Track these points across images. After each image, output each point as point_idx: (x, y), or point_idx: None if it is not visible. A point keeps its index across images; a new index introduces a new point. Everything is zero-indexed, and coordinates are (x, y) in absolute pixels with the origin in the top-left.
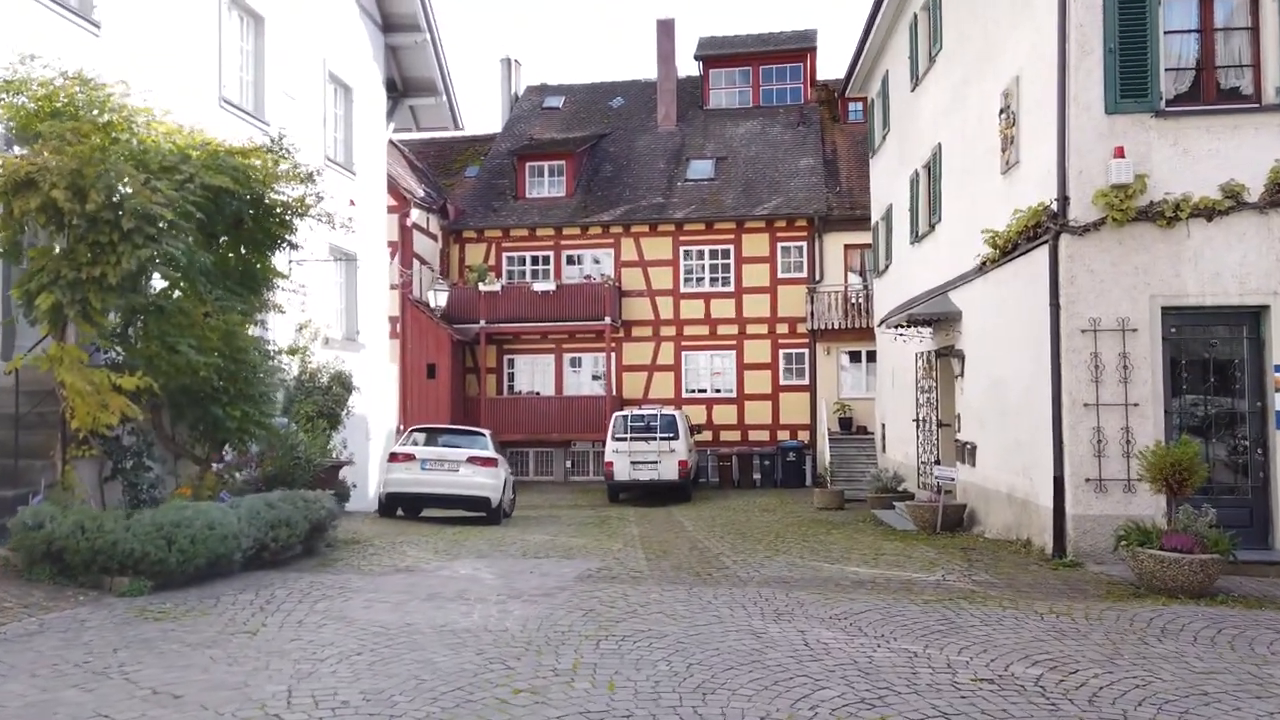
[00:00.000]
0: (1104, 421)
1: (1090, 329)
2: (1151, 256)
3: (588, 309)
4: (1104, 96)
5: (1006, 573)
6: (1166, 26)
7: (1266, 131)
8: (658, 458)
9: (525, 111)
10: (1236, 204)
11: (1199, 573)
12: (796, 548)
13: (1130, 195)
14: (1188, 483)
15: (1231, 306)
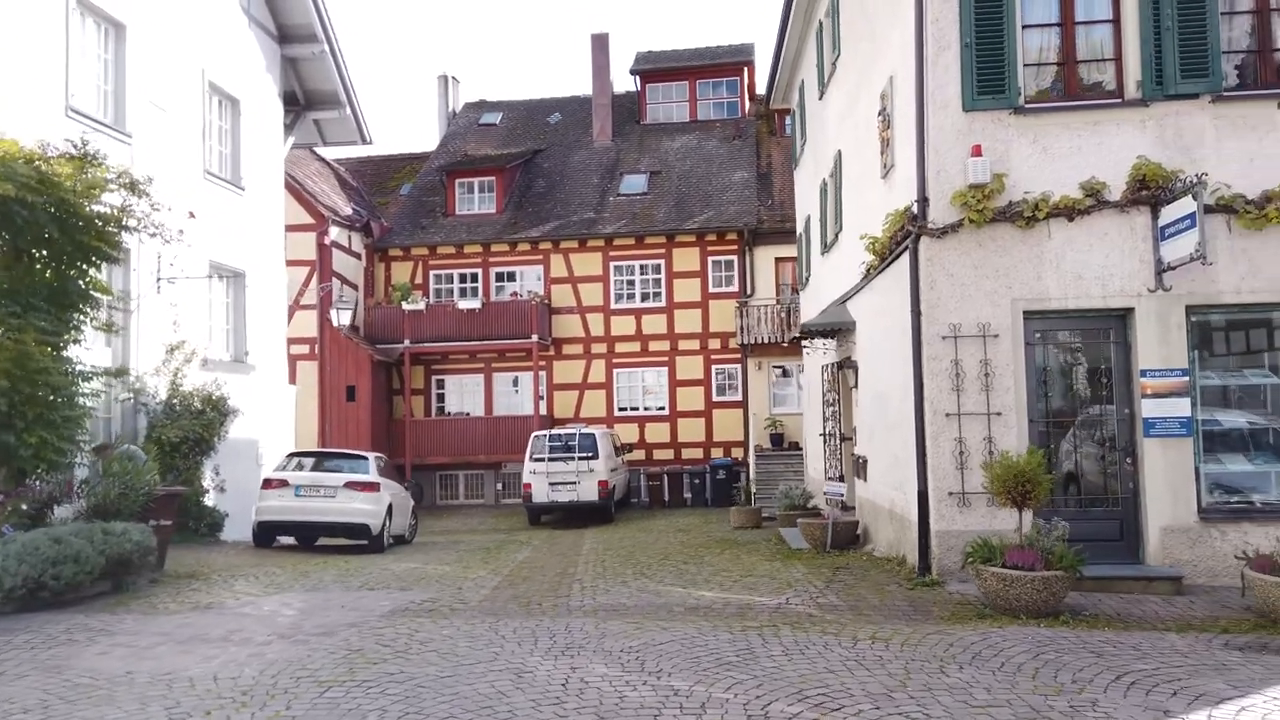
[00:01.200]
0: (966, 432)
1: (951, 335)
2: (1012, 259)
3: (515, 327)
4: (961, 94)
5: (859, 594)
6: (1026, 21)
7: (1128, 127)
8: (577, 478)
9: (461, 128)
10: (1097, 203)
11: (1042, 590)
12: (668, 571)
13: (988, 195)
14: (1032, 495)
15: (1095, 309)
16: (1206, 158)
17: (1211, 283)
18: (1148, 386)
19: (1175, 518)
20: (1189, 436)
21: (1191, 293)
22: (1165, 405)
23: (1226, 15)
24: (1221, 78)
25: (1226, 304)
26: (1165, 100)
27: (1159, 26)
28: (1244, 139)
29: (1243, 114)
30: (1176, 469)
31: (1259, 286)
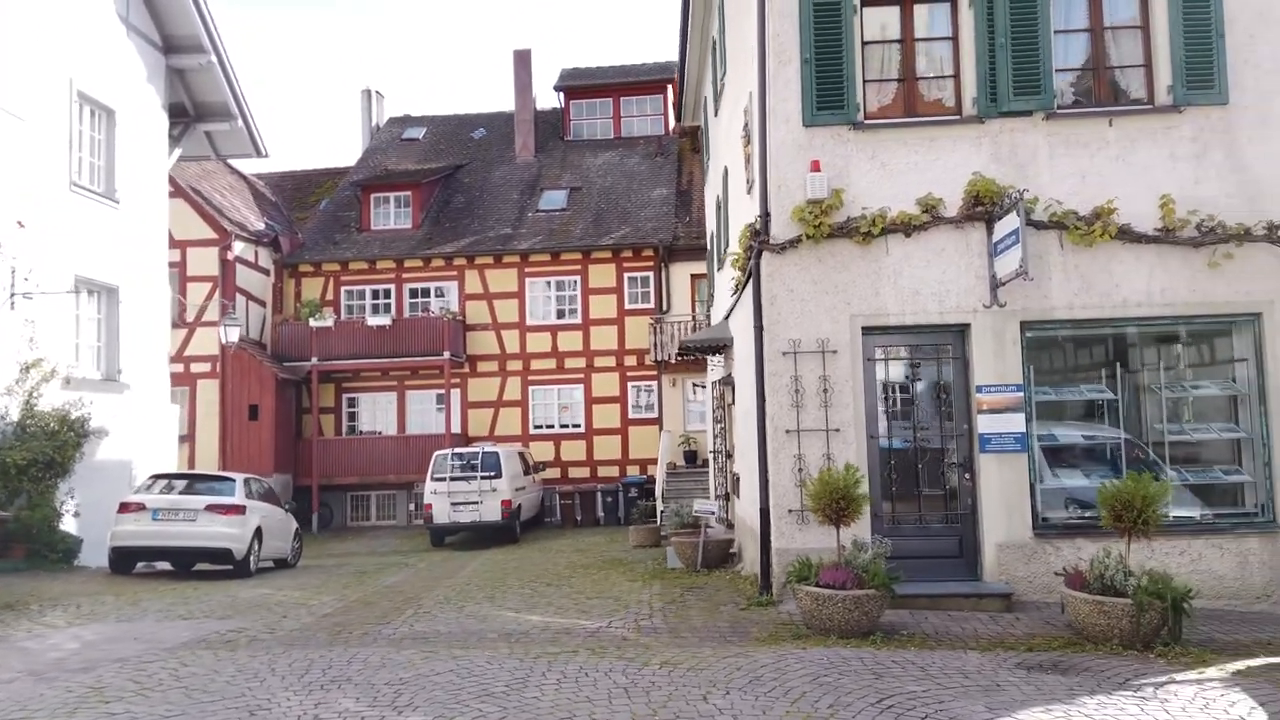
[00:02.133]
0: (806, 448)
1: (791, 351)
2: (851, 274)
3: (427, 344)
4: (802, 109)
5: (690, 616)
6: (867, 37)
7: (965, 144)
8: (479, 498)
9: (384, 143)
10: (934, 219)
11: (854, 610)
12: (520, 595)
13: (825, 211)
14: (848, 512)
15: (934, 325)
16: (1040, 174)
17: (1045, 298)
18: (983, 402)
19: (1010, 534)
20: (1023, 452)
21: (1026, 308)
22: (1000, 421)
23: (1062, 34)
24: (1053, 96)
25: (1060, 319)
26: (1000, 117)
27: (993, 44)
28: (1076, 156)
29: (1075, 131)
30: (1012, 485)
31: (1091, 302)
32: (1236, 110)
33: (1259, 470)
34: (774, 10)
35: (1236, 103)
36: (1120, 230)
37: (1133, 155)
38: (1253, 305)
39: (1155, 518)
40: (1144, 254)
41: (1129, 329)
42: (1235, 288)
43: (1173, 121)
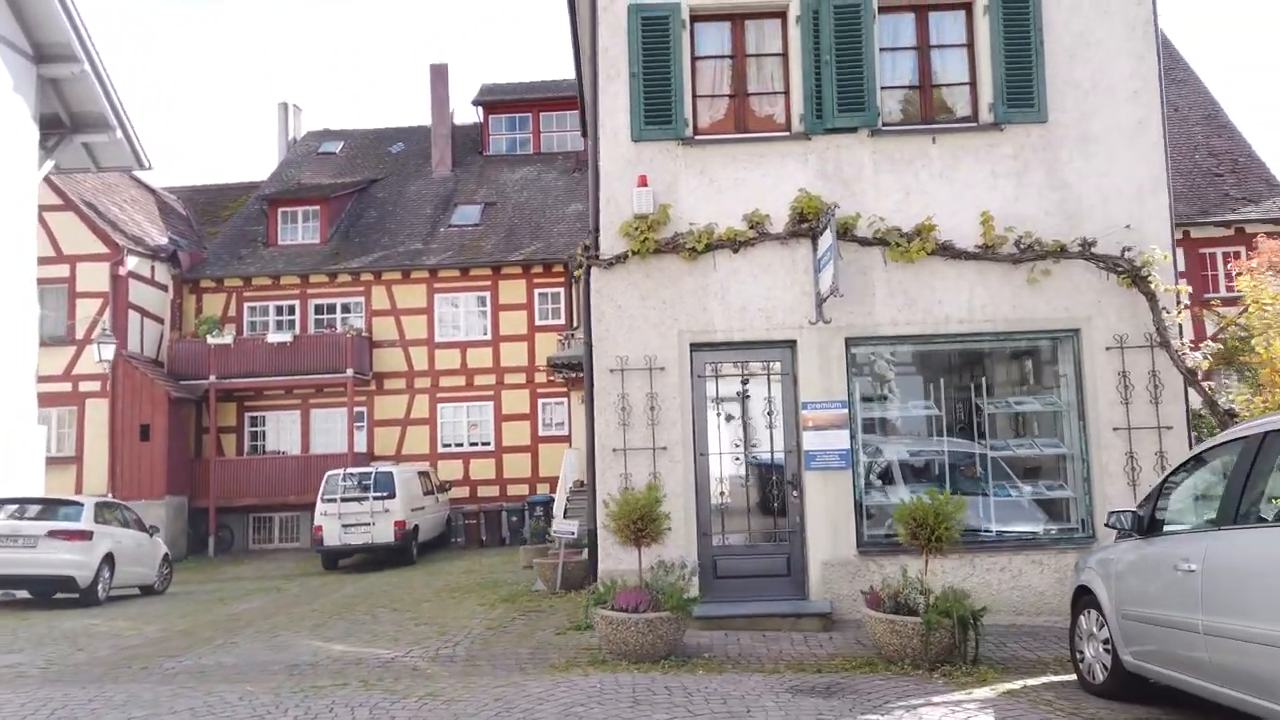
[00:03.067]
0: (633, 467)
1: (619, 368)
2: (679, 290)
3: (330, 361)
4: (631, 123)
5: (503, 642)
6: (699, 52)
7: (792, 160)
8: (371, 519)
9: (299, 156)
10: (760, 235)
11: (648, 633)
12: (354, 623)
13: (652, 226)
14: (647, 533)
15: (762, 341)
16: (866, 191)
17: (870, 315)
18: (809, 419)
19: (835, 551)
20: (848, 469)
21: (851, 325)
22: (826, 438)
23: (889, 51)
24: (877, 113)
25: (884, 336)
26: (826, 134)
27: (819, 61)
28: (901, 173)
29: (900, 148)
30: (837, 502)
31: (914, 319)
32: (1057, 129)
33: (1079, 485)
34: (604, 24)
35: (1056, 121)
36: (940, 247)
37: (955, 172)
38: (1071, 321)
39: (950, 535)
40: (965, 271)
41: (953, 345)
42: (1054, 304)
43: (994, 139)
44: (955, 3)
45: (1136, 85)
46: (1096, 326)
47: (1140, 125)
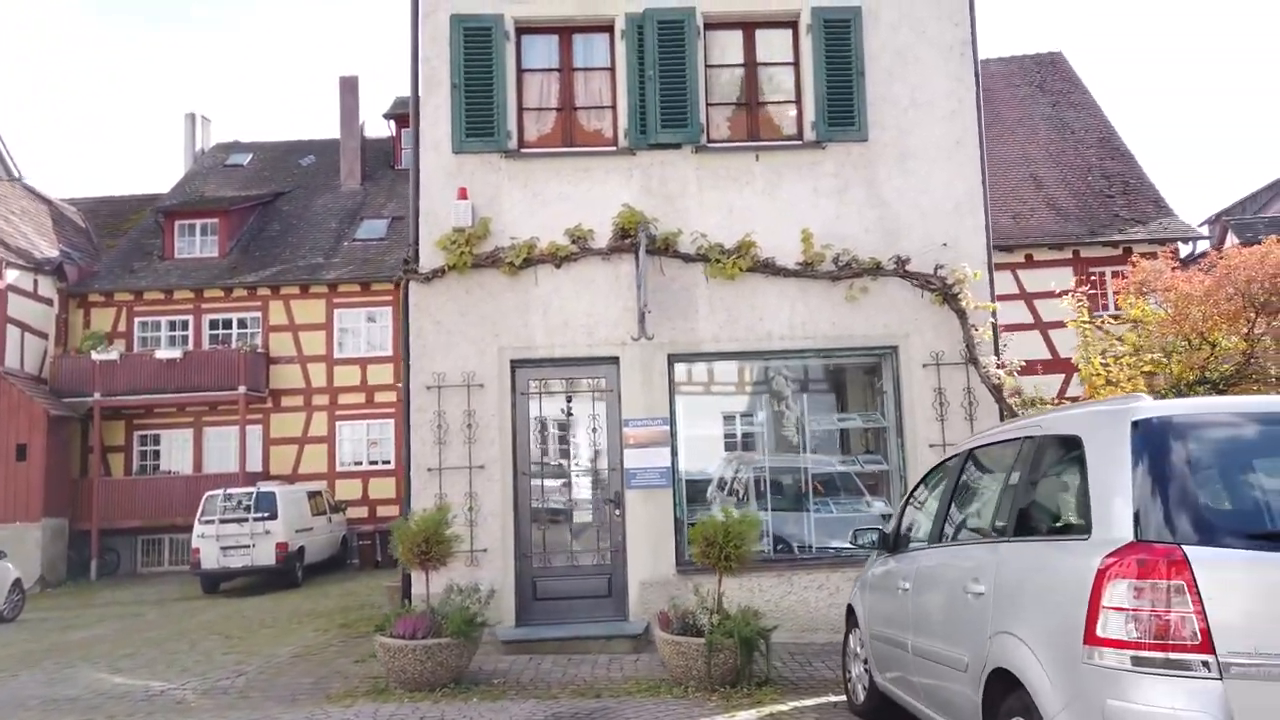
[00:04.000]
0: (449, 487)
1: (435, 385)
2: (500, 305)
3: (223, 378)
4: (452, 135)
5: (293, 672)
6: (526, 64)
7: (616, 175)
8: (251, 541)
9: (205, 168)
10: (583, 250)
11: (427, 660)
12: (165, 651)
13: (471, 239)
14: (432, 556)
15: (584, 358)
16: (690, 208)
17: (693, 331)
18: (630, 436)
19: (655, 571)
20: (668, 487)
21: (674, 341)
22: (647, 455)
23: (717, 68)
24: (701, 129)
25: (707, 352)
26: (650, 149)
27: (643, 76)
28: (725, 190)
29: (724, 165)
30: (657, 521)
31: (736, 335)
32: (876, 147)
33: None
34: (425, 34)
35: (876, 140)
36: (761, 264)
37: (779, 190)
38: (890, 338)
39: (741, 554)
40: (787, 288)
41: (775, 361)
42: (873, 321)
43: (817, 157)
44: (781, 21)
45: (954, 105)
46: (914, 343)
47: (958, 144)
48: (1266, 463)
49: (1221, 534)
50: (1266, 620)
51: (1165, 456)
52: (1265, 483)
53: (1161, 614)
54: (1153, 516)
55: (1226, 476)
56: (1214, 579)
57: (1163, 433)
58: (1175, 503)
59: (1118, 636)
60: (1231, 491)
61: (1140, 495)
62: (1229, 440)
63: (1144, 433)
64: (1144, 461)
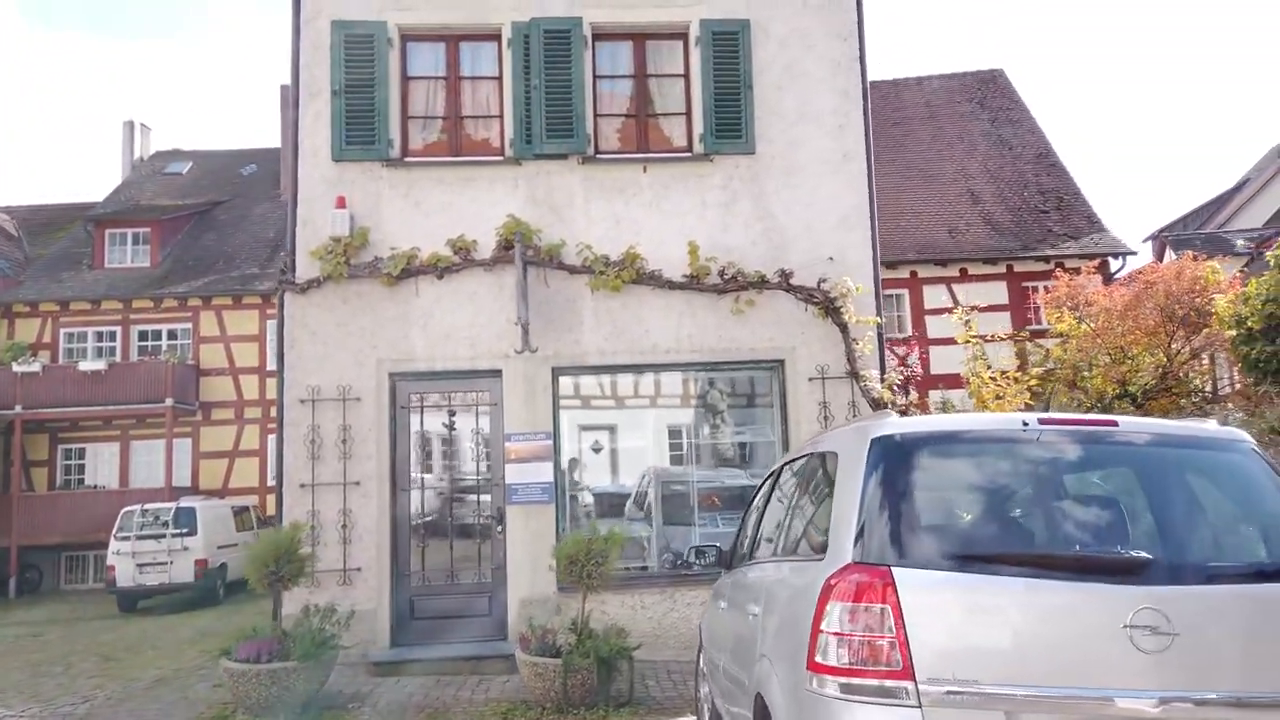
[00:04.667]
0: (321, 504)
1: (310, 399)
2: (379, 317)
3: (150, 390)
4: (331, 142)
5: (143, 699)
6: (412, 72)
7: (502, 185)
8: (169, 558)
9: (143, 177)
10: (465, 261)
11: (271, 685)
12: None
13: (348, 249)
14: (285, 576)
15: (466, 371)
16: (576, 219)
17: (577, 344)
18: (512, 451)
19: (534, 589)
20: (551, 503)
21: (559, 354)
22: (529, 470)
23: (608, 78)
24: (587, 139)
25: (592, 365)
26: (536, 159)
27: (529, 85)
28: (612, 201)
29: (612, 176)
30: (539, 537)
31: (622, 348)
32: (764, 160)
33: None
34: (306, 40)
35: (764, 153)
36: (646, 276)
37: (666, 202)
38: (776, 352)
39: (604, 573)
40: (674, 300)
41: (663, 374)
42: (759, 335)
43: (705, 170)
44: (671, 33)
45: (841, 119)
46: (800, 357)
47: (845, 158)
48: (987, 482)
49: (933, 555)
50: (967, 646)
51: (890, 475)
52: (981, 502)
53: (869, 639)
54: (874, 537)
55: (946, 496)
56: (919, 602)
57: (891, 451)
58: (894, 523)
59: (831, 662)
60: (948, 511)
61: (866, 514)
62: (953, 460)
63: (877, 451)
64: (872, 480)
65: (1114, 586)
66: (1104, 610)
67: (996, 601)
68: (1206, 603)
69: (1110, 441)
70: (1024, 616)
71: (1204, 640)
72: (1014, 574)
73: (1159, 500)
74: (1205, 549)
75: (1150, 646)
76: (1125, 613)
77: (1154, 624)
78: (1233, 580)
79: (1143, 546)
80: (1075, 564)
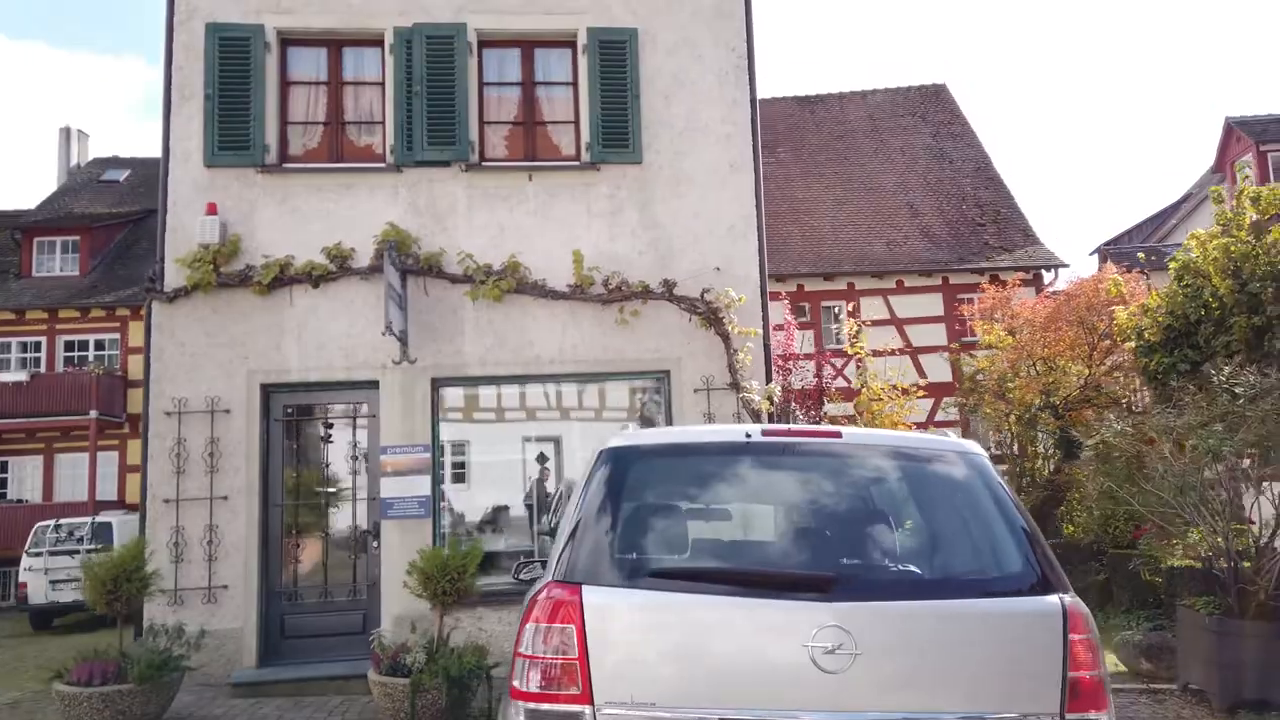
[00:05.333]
0: (186, 519)
1: (176, 411)
2: (251, 327)
3: (75, 402)
4: (204, 147)
5: None
6: (292, 76)
7: (382, 193)
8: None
9: (77, 184)
10: (342, 270)
11: (104, 709)
12: None
13: (219, 257)
14: (119, 596)
15: (342, 382)
16: (459, 226)
17: (458, 354)
18: (388, 464)
19: (409, 605)
20: (428, 517)
21: (438, 365)
22: (405, 484)
23: (495, 86)
24: (470, 147)
25: (473, 376)
26: (418, 167)
27: (410, 92)
28: (496, 209)
29: (497, 184)
30: (415, 552)
31: (504, 358)
32: (651, 169)
33: None
34: (179, 42)
35: (651, 162)
36: (529, 285)
37: (552, 211)
38: (662, 363)
39: (461, 588)
40: (558, 310)
41: (547, 385)
42: (645, 345)
43: (591, 179)
44: (559, 41)
45: (729, 129)
46: (686, 368)
47: (733, 168)
48: (702, 495)
49: (627, 573)
50: (648, 668)
51: (610, 489)
52: (691, 517)
53: (556, 660)
54: (580, 553)
55: (657, 511)
56: (604, 622)
57: (615, 464)
58: (599, 538)
59: (525, 687)
60: (654, 527)
61: (580, 529)
62: (674, 473)
63: (602, 464)
64: (589, 493)
65: (797, 603)
66: (786, 628)
67: (682, 620)
68: (891, 619)
69: (831, 454)
70: (709, 636)
71: (888, 659)
72: (700, 591)
73: (868, 514)
74: (901, 564)
75: (832, 666)
76: (807, 631)
77: (837, 642)
78: (923, 596)
79: (837, 562)
80: (761, 580)
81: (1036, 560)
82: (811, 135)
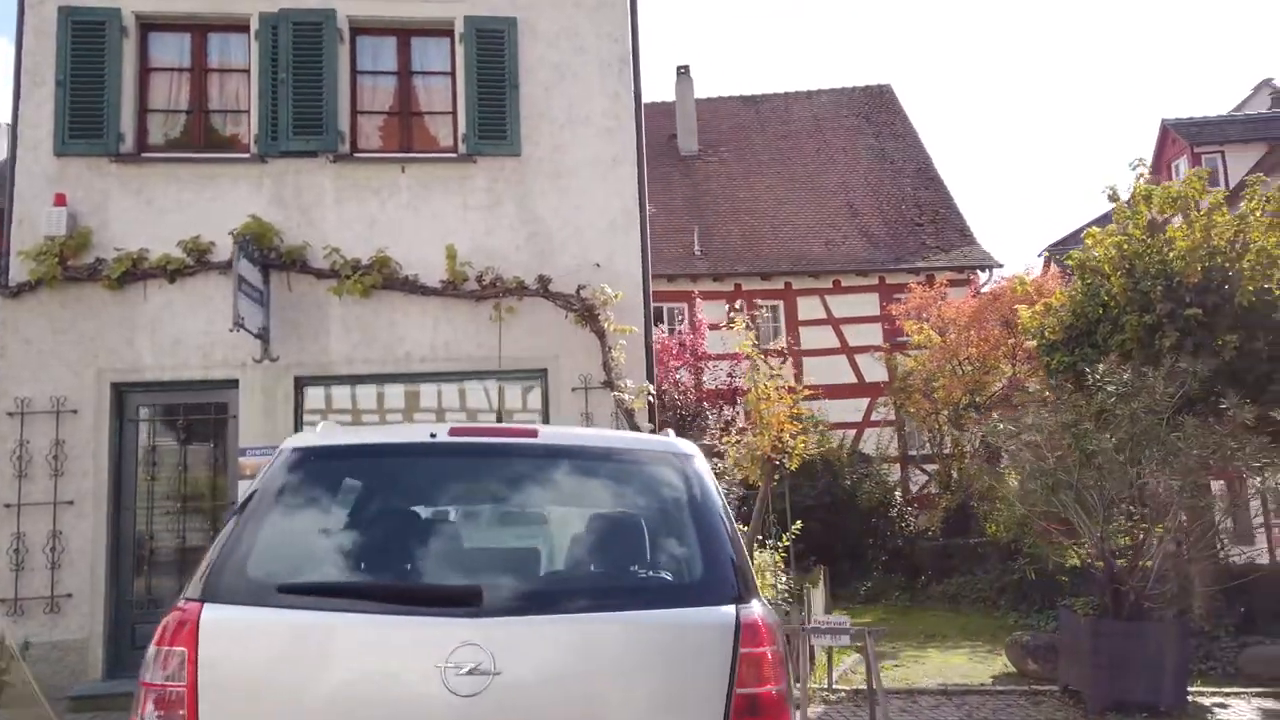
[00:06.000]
0: (28, 525)
1: (19, 411)
2: (101, 323)
3: None
4: (54, 135)
5: None
6: (153, 62)
7: (246, 184)
8: None
9: None
10: (199, 264)
11: None
12: None
13: (65, 250)
14: None
15: (199, 381)
16: (327, 219)
17: (324, 352)
18: (247, 466)
19: None
20: None
21: (302, 363)
22: None
23: (369, 74)
24: (340, 137)
25: (340, 374)
26: (283, 157)
27: (276, 79)
28: (366, 202)
29: (367, 176)
30: None
31: (373, 356)
32: (531, 162)
33: None
34: (29, 26)
35: (531, 155)
36: (398, 280)
37: (426, 204)
38: (539, 361)
39: None
40: (430, 306)
41: (419, 384)
42: (521, 343)
43: (468, 171)
44: (435, 29)
45: (612, 122)
46: (564, 366)
47: (615, 161)
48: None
49: (260, 589)
50: (266, 696)
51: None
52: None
53: (167, 688)
54: (221, 567)
55: (314, 518)
56: (221, 645)
57: (279, 464)
58: (242, 548)
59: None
60: (303, 536)
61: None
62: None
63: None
64: (252, 497)
65: (432, 620)
66: (421, 648)
67: (307, 643)
68: (541, 635)
69: (522, 454)
70: (336, 660)
71: (533, 679)
72: (331, 609)
73: (547, 519)
74: (568, 573)
75: (465, 689)
76: (443, 651)
77: (475, 662)
78: (582, 609)
79: (495, 572)
80: (398, 595)
81: (724, 568)
82: (756, 135)
